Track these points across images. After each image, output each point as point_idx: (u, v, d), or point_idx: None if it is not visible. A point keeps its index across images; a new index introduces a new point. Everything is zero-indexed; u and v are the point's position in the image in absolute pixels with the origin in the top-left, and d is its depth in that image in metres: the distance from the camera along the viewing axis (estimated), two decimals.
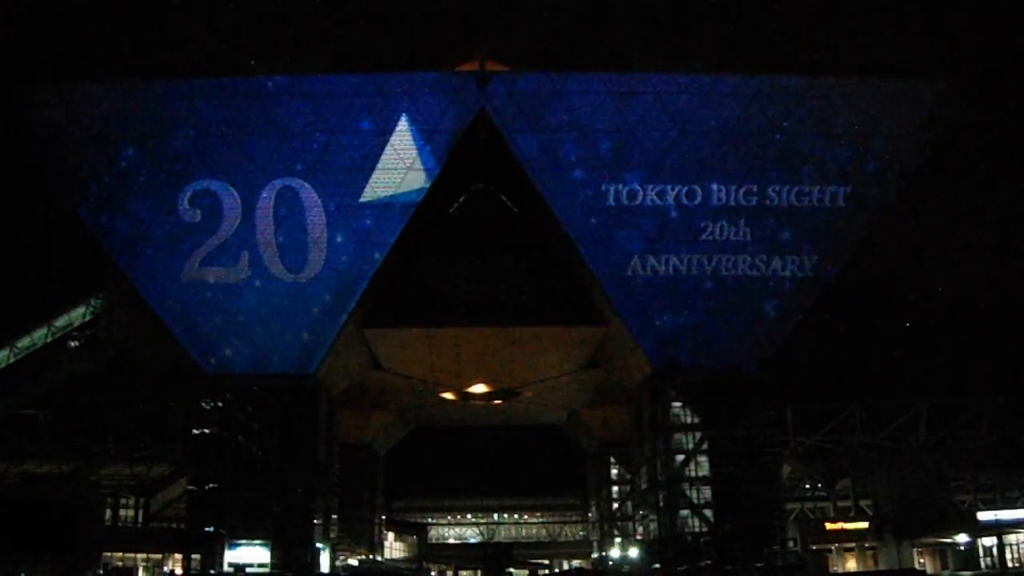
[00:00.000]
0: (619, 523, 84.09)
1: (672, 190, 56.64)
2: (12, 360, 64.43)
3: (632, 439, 74.47)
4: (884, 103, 57.01)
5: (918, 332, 74.09)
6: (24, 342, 64.57)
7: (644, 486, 67.54)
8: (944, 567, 63.10)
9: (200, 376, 58.81)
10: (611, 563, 79.22)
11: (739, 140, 56.29)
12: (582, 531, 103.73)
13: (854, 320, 71.42)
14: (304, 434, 59.06)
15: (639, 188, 56.55)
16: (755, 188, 56.71)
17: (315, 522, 59.75)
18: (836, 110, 56.71)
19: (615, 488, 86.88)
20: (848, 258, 59.00)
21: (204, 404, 59.68)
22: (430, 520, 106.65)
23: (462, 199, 65.48)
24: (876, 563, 63.35)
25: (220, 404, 59.01)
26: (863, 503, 69.65)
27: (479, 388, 75.28)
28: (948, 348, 71.06)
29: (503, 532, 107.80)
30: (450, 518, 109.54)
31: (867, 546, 64.90)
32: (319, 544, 60.99)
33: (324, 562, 62.82)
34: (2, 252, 78.62)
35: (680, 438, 60.28)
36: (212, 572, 56.05)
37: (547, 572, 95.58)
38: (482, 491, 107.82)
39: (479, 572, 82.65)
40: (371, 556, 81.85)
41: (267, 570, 56.19)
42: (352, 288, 57.16)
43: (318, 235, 56.51)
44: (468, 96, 55.48)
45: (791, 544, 61.28)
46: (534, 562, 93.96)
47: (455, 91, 55.64)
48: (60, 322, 65.32)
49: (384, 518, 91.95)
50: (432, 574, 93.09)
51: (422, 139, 55.54)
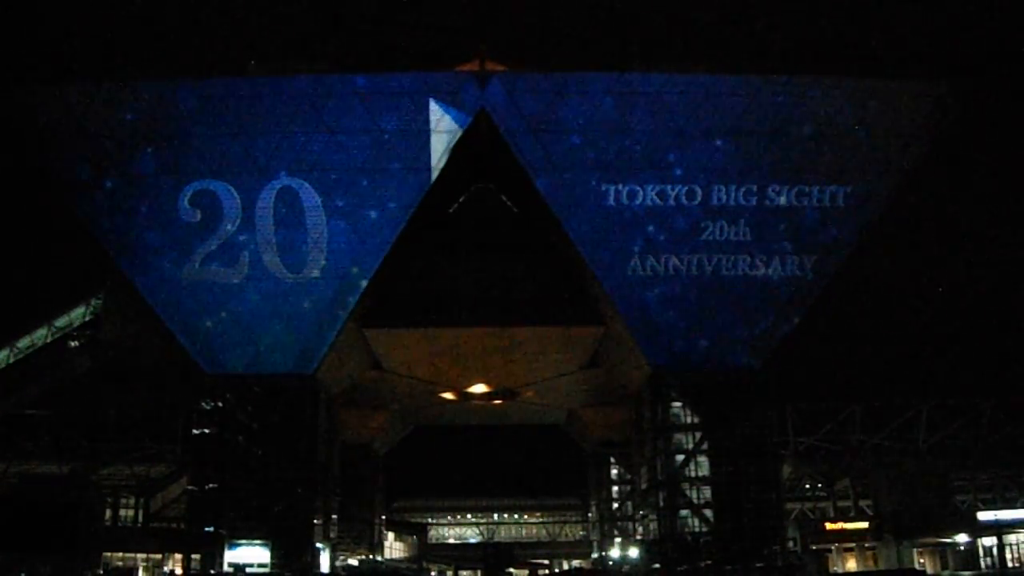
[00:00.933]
0: (619, 523, 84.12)
1: (672, 190, 56.68)
2: (12, 360, 64.51)
3: (632, 439, 74.59)
4: (884, 103, 57.08)
5: (918, 332, 74.03)
6: (24, 342, 64.70)
7: (644, 486, 67.59)
8: (944, 567, 63.13)
9: (200, 376, 58.79)
10: (611, 563, 79.21)
11: (739, 140, 56.36)
12: (582, 531, 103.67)
13: (854, 320, 71.42)
14: (304, 434, 59.02)
15: (639, 188, 56.58)
16: (755, 188, 56.79)
17: (315, 522, 59.76)
18: (836, 110, 56.79)
19: (615, 488, 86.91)
20: (848, 258, 59.02)
21: (204, 404, 59.70)
22: (430, 520, 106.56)
23: (462, 199, 65.52)
24: (876, 563, 63.37)
25: (220, 404, 59.02)
26: (863, 503, 69.68)
27: (479, 388, 75.29)
28: (948, 348, 71.03)
29: (503, 532, 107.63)
30: (450, 518, 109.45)
31: (867, 546, 64.93)
32: (319, 544, 61.01)
33: (324, 562, 62.85)
34: (2, 252, 78.59)
35: (680, 438, 60.31)
36: (212, 572, 56.04)
37: (547, 572, 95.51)
38: (482, 491, 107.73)
39: (479, 572, 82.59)
40: (371, 556, 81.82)
41: (267, 570, 56.17)
42: (352, 288, 57.16)
43: (318, 235, 56.52)
44: (468, 96, 55.57)
45: (791, 544, 61.34)
46: (534, 562, 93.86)
47: (455, 91, 55.70)
48: (60, 322, 65.44)
49: (384, 518, 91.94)
50: (432, 574, 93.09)
51: (422, 139, 55.58)
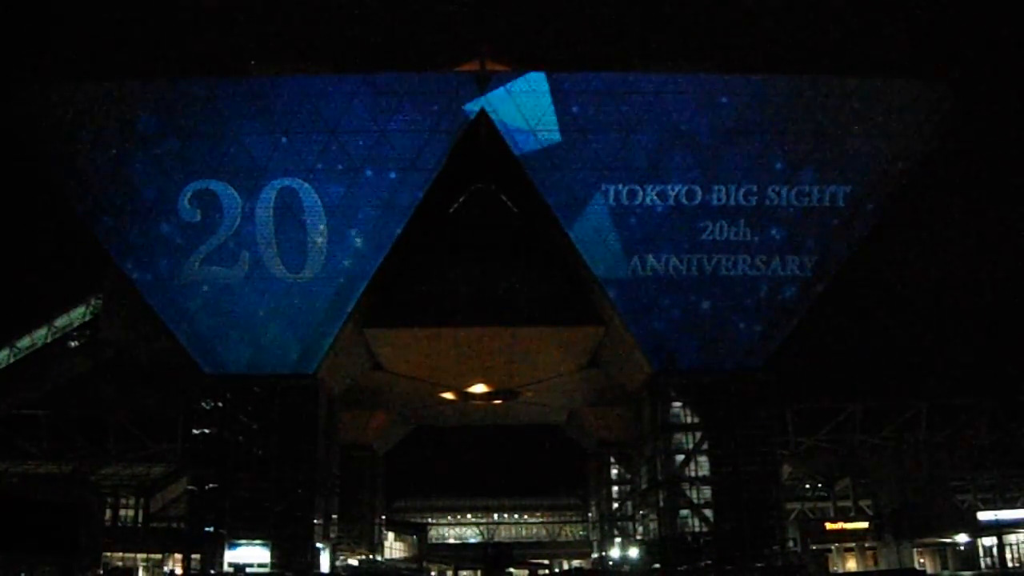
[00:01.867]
0: (619, 523, 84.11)
1: (672, 190, 56.68)
2: (12, 360, 64.48)
3: (632, 439, 74.54)
4: (884, 103, 57.11)
5: (918, 332, 73.95)
6: (24, 342, 64.60)
7: (644, 486, 67.54)
8: (944, 567, 63.12)
9: (200, 376, 58.79)
10: (611, 563, 79.24)
11: (739, 140, 56.36)
12: (582, 531, 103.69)
13: (854, 320, 71.35)
14: (304, 434, 58.96)
15: (639, 188, 56.59)
16: (755, 188, 56.79)
17: (315, 522, 59.65)
18: (836, 110, 56.80)
19: (615, 488, 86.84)
20: (848, 258, 59.04)
21: (204, 404, 59.67)
22: (430, 520, 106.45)
23: (462, 199, 65.48)
24: (876, 563, 63.42)
25: (220, 404, 59.00)
26: (863, 503, 69.68)
27: (479, 388, 75.23)
28: (948, 348, 70.93)
29: (503, 532, 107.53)
30: (450, 518, 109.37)
31: (867, 546, 64.97)
32: (319, 544, 60.93)
33: (324, 562, 62.78)
34: (2, 252, 78.51)
35: (680, 438, 60.28)
36: (212, 572, 56.01)
37: (547, 572, 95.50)
38: (482, 491, 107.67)
39: (479, 572, 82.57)
40: (371, 556, 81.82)
41: (267, 570, 56.16)
42: (352, 288, 57.17)
43: (318, 235, 56.55)
44: (468, 96, 55.57)
45: (791, 544, 61.32)
46: (534, 562, 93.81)
47: (455, 91, 55.70)
48: (60, 322, 65.34)
49: (384, 518, 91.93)
50: (432, 574, 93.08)
51: (422, 139, 55.59)
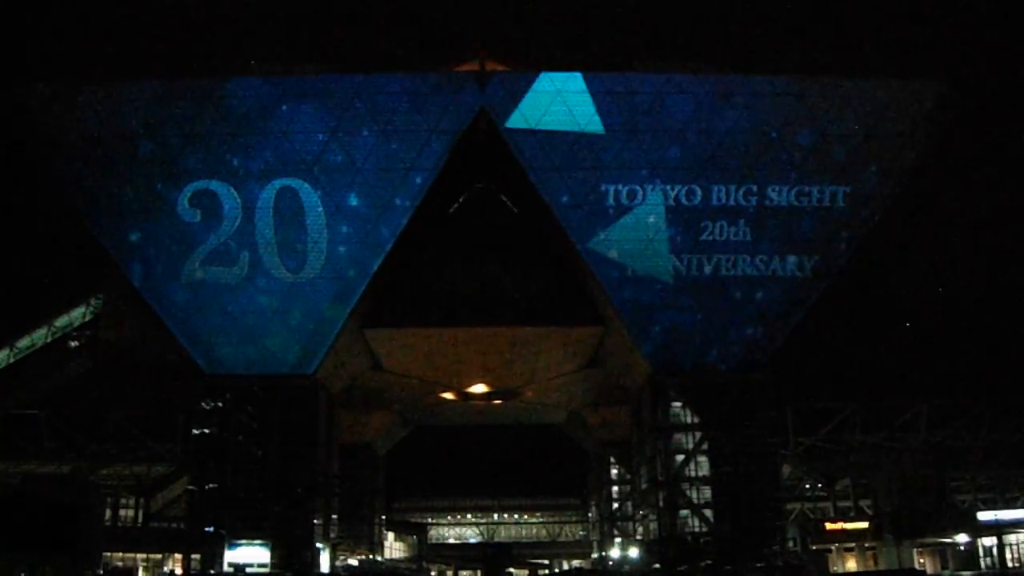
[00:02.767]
0: (619, 523, 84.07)
1: (672, 190, 56.69)
2: (12, 360, 64.51)
3: (632, 439, 74.54)
4: (884, 103, 57.09)
5: (918, 332, 73.94)
6: (24, 342, 64.74)
7: (644, 486, 67.56)
8: (944, 567, 63.00)
9: (200, 376, 58.85)
10: (611, 563, 79.20)
11: (739, 140, 56.38)
12: (582, 531, 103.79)
13: (853, 320, 71.31)
14: (304, 434, 59.11)
15: (639, 188, 56.61)
16: (755, 188, 56.80)
17: (315, 522, 59.80)
18: (836, 110, 56.80)
19: (615, 488, 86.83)
20: (848, 258, 59.04)
21: (204, 404, 59.77)
22: (430, 520, 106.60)
23: (462, 199, 65.51)
24: (876, 563, 63.26)
25: (220, 404, 59.09)
26: (863, 503, 69.60)
27: (479, 388, 75.24)
28: (948, 348, 70.89)
29: (503, 532, 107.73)
30: (450, 518, 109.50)
31: (867, 546, 64.81)
32: (319, 544, 61.03)
33: (324, 562, 62.86)
34: (2, 252, 78.52)
35: (680, 438, 60.38)
36: (212, 572, 56.03)
37: (547, 572, 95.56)
38: (482, 491, 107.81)
39: (479, 572, 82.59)
40: (371, 556, 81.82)
41: (267, 570, 56.18)
42: (352, 288, 57.19)
43: (318, 235, 56.56)
44: (468, 96, 55.59)
45: (791, 544, 61.26)
46: (534, 562, 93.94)
47: (455, 91, 55.73)
48: (60, 322, 65.50)
49: (384, 518, 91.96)
50: (432, 574, 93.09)
51: (422, 139, 55.59)
